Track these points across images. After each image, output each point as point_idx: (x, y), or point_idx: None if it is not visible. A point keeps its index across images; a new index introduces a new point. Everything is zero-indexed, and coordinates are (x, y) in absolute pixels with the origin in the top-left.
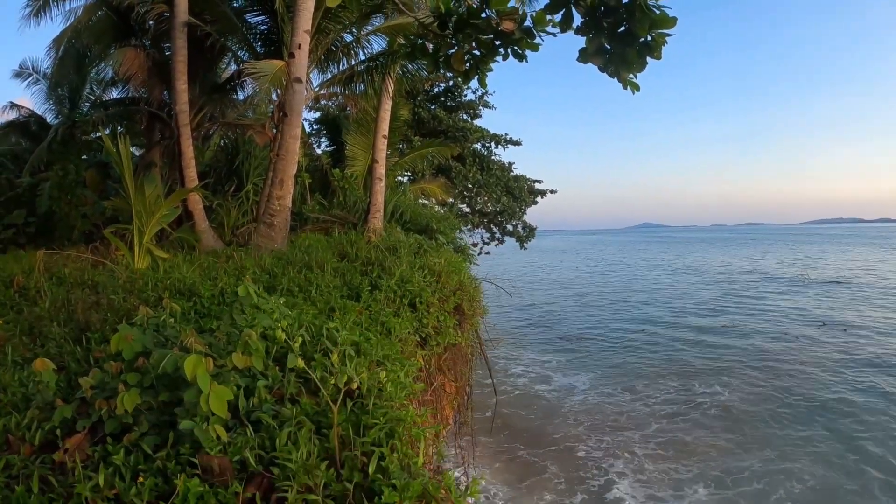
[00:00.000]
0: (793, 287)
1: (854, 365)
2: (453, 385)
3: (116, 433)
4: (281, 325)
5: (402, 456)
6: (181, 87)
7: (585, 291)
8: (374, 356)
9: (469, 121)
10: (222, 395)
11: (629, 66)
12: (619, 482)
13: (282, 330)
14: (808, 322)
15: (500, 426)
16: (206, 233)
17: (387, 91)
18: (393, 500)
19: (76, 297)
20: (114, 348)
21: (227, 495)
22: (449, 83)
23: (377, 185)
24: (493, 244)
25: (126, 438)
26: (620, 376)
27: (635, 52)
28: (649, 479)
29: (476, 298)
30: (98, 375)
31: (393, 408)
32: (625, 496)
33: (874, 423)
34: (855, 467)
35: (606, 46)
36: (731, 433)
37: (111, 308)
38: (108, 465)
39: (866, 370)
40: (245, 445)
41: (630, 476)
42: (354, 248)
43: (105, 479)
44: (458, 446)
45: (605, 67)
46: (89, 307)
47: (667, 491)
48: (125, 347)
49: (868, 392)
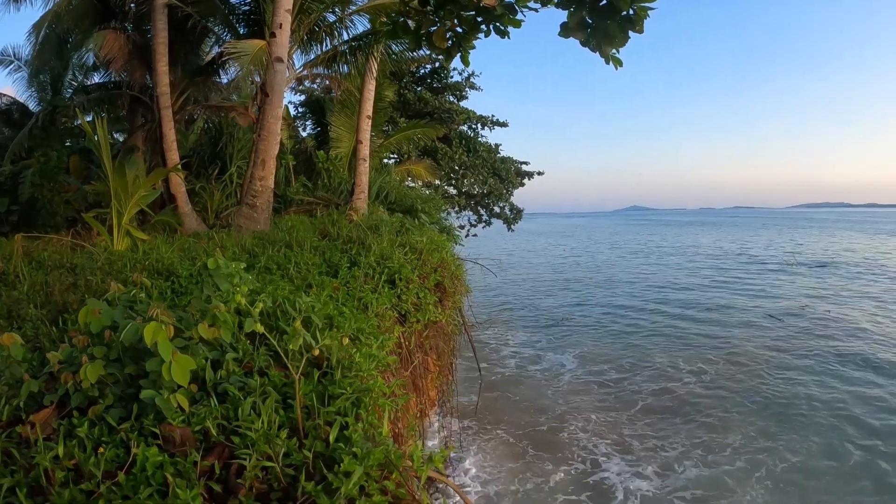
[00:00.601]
0: (780, 269)
1: (837, 345)
2: (435, 364)
3: (84, 407)
4: (241, 289)
5: (367, 426)
6: (162, 69)
7: (573, 274)
8: (346, 329)
9: (455, 102)
10: (185, 365)
11: (611, 41)
12: (607, 462)
13: (241, 295)
14: (793, 303)
15: (487, 407)
16: (188, 216)
17: (370, 71)
18: (353, 469)
19: (54, 280)
20: (82, 322)
21: (186, 464)
22: (435, 64)
23: (361, 165)
24: (481, 226)
25: (91, 411)
26: (607, 356)
27: (617, 25)
28: (637, 459)
29: (458, 276)
30: (67, 350)
31: (362, 379)
32: (611, 475)
33: (853, 402)
34: (835, 445)
35: (588, 20)
36: (715, 410)
37: (89, 289)
38: (72, 438)
39: (849, 351)
40: (208, 415)
41: (617, 456)
42: (336, 227)
43: (65, 450)
44: (441, 426)
45: (586, 42)
46: (66, 288)
47: (654, 469)
48: (93, 321)
49: (849, 372)
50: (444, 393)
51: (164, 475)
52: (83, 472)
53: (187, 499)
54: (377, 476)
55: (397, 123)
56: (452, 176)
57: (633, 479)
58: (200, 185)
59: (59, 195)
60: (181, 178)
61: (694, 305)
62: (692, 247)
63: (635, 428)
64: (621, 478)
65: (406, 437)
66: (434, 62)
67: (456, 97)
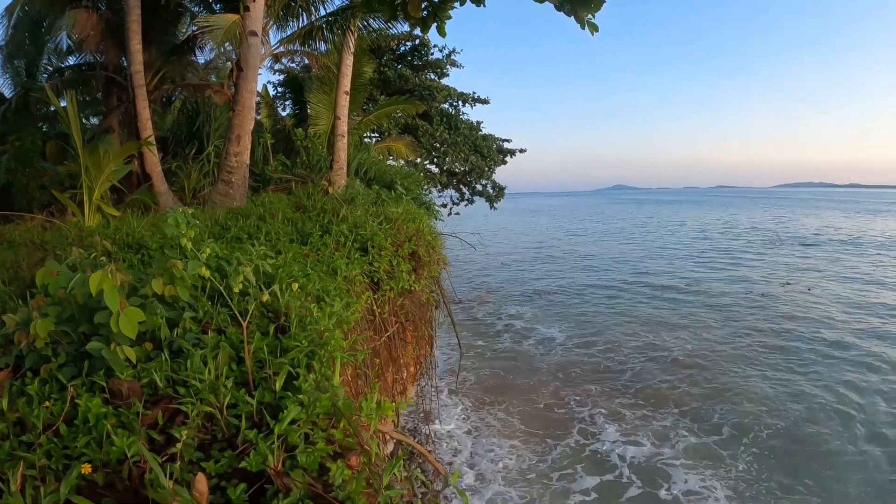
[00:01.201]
0: (762, 247)
1: (814, 318)
2: (413, 335)
3: (38, 368)
4: (188, 234)
5: (319, 377)
6: (136, 47)
7: (557, 252)
8: (311, 290)
9: (436, 80)
10: (133, 316)
11: (586, 5)
12: (602, 433)
13: (188, 239)
14: (774, 279)
15: (475, 380)
16: (164, 195)
17: (347, 46)
18: (299, 417)
19: (23, 256)
20: (39, 284)
21: (129, 415)
22: (415, 41)
23: (339, 141)
24: (463, 204)
25: (43, 370)
26: (594, 329)
27: None
28: (632, 428)
29: (434, 247)
30: (24, 312)
31: (320, 334)
32: (608, 443)
33: (830, 372)
34: (813, 410)
35: None
36: (700, 378)
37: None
38: (24, 396)
39: (826, 324)
40: (157, 369)
41: (612, 425)
42: (311, 199)
43: (9, 404)
44: (419, 397)
45: (561, 6)
46: (35, 264)
47: (650, 437)
48: (51, 283)
49: (825, 344)
50: (422, 366)
51: (105, 426)
52: (27, 425)
53: (123, 446)
54: (324, 425)
55: (377, 101)
56: (434, 153)
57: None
58: (177, 165)
59: (35, 180)
60: (156, 156)
61: (678, 281)
62: (676, 223)
63: (625, 397)
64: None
65: (369, 396)
66: (415, 39)
67: (437, 75)
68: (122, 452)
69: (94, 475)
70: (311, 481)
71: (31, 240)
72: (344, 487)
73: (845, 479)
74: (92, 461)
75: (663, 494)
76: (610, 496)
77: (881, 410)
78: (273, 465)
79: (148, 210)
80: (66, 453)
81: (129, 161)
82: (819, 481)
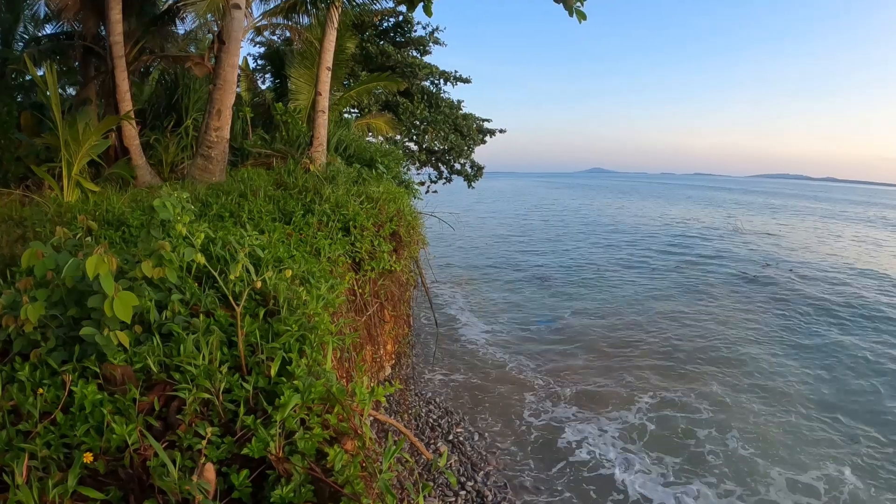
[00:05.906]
0: (726, 236)
1: (794, 294)
2: (391, 314)
3: (27, 353)
4: (182, 219)
5: (311, 362)
6: (115, 16)
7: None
8: (296, 271)
9: (419, 57)
10: (127, 301)
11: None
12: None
13: (182, 224)
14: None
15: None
16: (142, 168)
17: (331, 21)
18: (294, 402)
19: (1, 233)
20: (25, 266)
21: (126, 402)
22: (399, 18)
23: (320, 117)
24: (441, 182)
25: (33, 354)
26: (570, 314)
27: None
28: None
29: (414, 227)
30: (10, 295)
31: (308, 318)
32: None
33: (788, 357)
34: (776, 391)
35: None
36: (673, 363)
37: (38, 241)
38: (14, 382)
39: (784, 310)
40: (150, 354)
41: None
42: (292, 177)
43: (4, 392)
44: (398, 377)
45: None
46: (15, 241)
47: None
48: (37, 265)
49: (783, 330)
50: (400, 344)
51: (102, 413)
52: (22, 413)
53: (123, 434)
54: (319, 410)
55: (358, 77)
56: (413, 131)
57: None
58: (155, 138)
59: (10, 152)
60: (135, 129)
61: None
62: (658, 217)
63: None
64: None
65: (356, 379)
66: (398, 16)
67: (419, 52)
68: (122, 440)
69: (96, 463)
70: (311, 466)
71: (10, 216)
72: (343, 472)
73: None
74: (92, 449)
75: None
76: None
77: None
78: (275, 452)
79: (126, 184)
80: (65, 441)
81: (107, 135)
82: None
